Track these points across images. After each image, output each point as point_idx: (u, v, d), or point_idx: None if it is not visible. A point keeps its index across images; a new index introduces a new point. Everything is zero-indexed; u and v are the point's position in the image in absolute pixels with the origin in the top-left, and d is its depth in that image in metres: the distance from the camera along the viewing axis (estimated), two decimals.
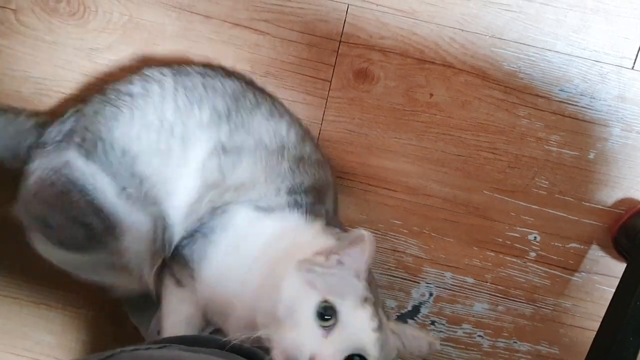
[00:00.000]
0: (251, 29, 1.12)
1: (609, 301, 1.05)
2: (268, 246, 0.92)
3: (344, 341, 0.78)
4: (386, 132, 1.15)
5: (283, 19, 1.12)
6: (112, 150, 0.97)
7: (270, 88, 1.13)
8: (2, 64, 1.14)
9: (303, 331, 0.77)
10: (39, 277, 1.25)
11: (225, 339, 0.77)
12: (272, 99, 1.09)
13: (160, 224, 0.97)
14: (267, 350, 0.78)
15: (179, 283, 0.98)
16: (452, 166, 1.16)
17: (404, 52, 1.13)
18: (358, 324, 0.79)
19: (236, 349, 0.76)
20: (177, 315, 0.97)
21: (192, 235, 0.98)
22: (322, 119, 1.15)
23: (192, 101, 1.00)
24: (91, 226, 0.96)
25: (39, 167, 0.99)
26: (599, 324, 1.04)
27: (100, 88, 1.05)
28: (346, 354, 0.78)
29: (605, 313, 1.04)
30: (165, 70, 1.03)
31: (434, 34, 1.12)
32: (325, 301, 0.78)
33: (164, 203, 0.98)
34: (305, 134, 1.07)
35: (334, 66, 1.14)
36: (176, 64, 1.06)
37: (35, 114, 1.09)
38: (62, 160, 0.98)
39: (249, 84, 1.09)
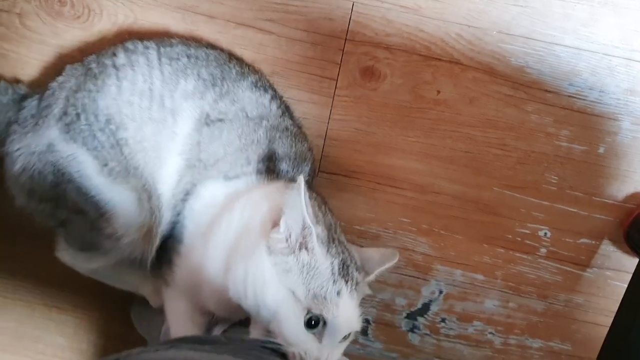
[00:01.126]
0: (256, 28, 1.12)
1: (621, 296, 1.04)
2: (222, 214, 0.91)
3: (336, 337, 0.80)
4: (393, 130, 1.15)
5: (287, 17, 1.11)
6: (95, 121, 0.95)
7: (275, 87, 1.11)
8: (8, 68, 1.14)
9: (300, 341, 0.78)
10: (50, 281, 1.26)
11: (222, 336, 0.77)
12: (259, 73, 1.09)
13: (145, 195, 0.97)
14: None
15: (165, 282, 0.99)
16: (460, 163, 1.15)
17: (410, 49, 1.12)
18: (344, 315, 0.80)
19: (248, 346, 0.76)
20: (176, 314, 0.98)
21: (172, 227, 0.98)
22: (329, 118, 1.14)
23: (177, 70, 0.99)
24: (87, 213, 0.96)
25: (22, 152, 0.98)
26: (612, 319, 1.04)
27: (78, 59, 1.04)
28: (338, 341, 0.81)
29: (618, 308, 1.04)
30: (148, 43, 1.02)
31: (440, 31, 1.11)
32: (311, 312, 0.78)
33: (153, 172, 0.97)
34: (286, 109, 1.07)
35: (340, 64, 1.13)
36: (159, 37, 1.06)
37: (16, 83, 1.09)
38: (44, 143, 0.97)
39: (235, 57, 1.08)
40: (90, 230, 0.98)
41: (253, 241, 0.83)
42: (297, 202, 0.79)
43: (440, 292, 1.21)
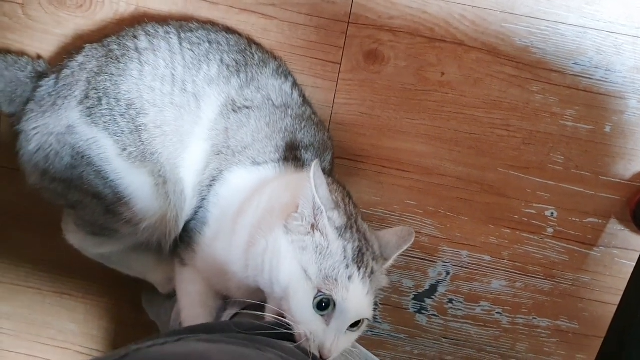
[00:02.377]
0: (258, 13, 1.11)
1: (628, 275, 1.04)
2: (252, 197, 0.92)
3: (344, 321, 0.80)
4: (398, 113, 1.15)
5: (290, 2, 1.11)
6: (117, 105, 0.96)
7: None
8: None
9: (307, 320, 0.79)
10: (61, 268, 1.27)
11: (232, 320, 0.77)
12: (279, 59, 1.09)
13: (161, 180, 0.98)
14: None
15: (182, 262, 0.99)
16: (465, 145, 1.15)
17: (413, 31, 1.11)
18: (354, 300, 0.80)
19: (256, 329, 0.77)
20: (189, 296, 0.98)
21: (196, 212, 0.99)
22: (333, 102, 1.14)
23: (199, 56, 1.00)
24: (105, 198, 0.97)
25: (38, 132, 0.99)
26: (619, 297, 1.04)
27: (98, 40, 1.05)
28: (346, 328, 0.80)
29: (626, 287, 1.04)
30: (168, 28, 1.03)
31: (443, 12, 1.10)
32: (321, 292, 0.79)
33: (174, 157, 0.98)
34: (305, 97, 1.08)
35: (343, 48, 1.13)
36: (178, 21, 1.06)
37: (37, 58, 1.11)
38: (63, 124, 0.98)
39: (254, 43, 1.09)
40: (104, 215, 0.99)
41: (274, 220, 0.85)
42: (308, 190, 0.81)
43: (447, 273, 1.22)
